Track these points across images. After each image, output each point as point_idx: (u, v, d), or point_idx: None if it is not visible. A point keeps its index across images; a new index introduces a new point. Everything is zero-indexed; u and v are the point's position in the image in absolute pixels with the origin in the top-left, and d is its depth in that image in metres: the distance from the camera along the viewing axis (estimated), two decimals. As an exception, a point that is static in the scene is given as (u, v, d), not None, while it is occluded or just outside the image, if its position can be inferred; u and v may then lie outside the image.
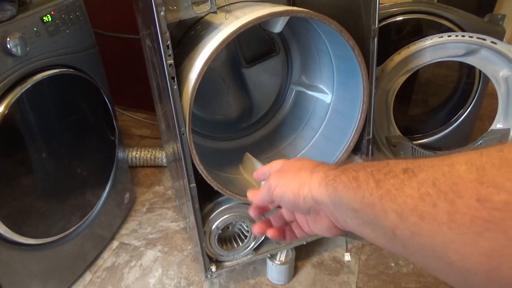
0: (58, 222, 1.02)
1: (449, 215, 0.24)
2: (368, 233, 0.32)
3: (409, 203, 0.27)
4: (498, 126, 1.21)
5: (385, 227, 0.29)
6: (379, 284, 1.11)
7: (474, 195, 0.23)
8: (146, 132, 1.87)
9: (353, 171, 0.33)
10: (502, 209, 0.21)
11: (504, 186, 0.22)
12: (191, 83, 0.76)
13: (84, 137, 1.07)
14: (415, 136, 1.36)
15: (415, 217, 0.26)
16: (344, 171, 0.34)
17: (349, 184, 0.33)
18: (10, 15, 0.80)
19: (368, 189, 0.30)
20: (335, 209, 0.36)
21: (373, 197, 0.30)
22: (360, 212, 0.32)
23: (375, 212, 0.30)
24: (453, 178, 0.24)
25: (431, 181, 0.26)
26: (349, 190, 0.32)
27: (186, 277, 1.16)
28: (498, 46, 1.07)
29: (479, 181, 0.23)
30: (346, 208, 0.34)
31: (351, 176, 0.33)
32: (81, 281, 1.15)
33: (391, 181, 0.29)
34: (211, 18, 0.91)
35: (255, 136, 1.21)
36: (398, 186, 0.28)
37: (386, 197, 0.29)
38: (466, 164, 0.24)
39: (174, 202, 1.45)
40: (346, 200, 0.33)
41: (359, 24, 0.88)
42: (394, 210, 0.28)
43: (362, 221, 0.32)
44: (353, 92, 0.93)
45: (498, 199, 0.22)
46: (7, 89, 0.82)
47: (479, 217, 0.22)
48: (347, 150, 0.97)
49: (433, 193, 0.25)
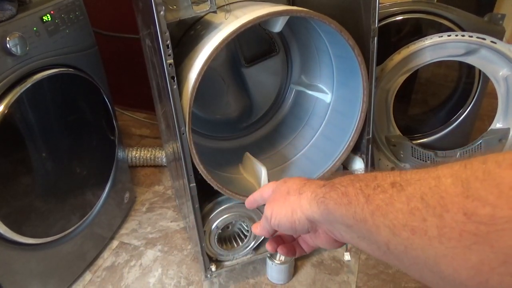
0: (58, 221, 1.02)
1: (438, 230, 0.24)
2: (364, 246, 0.33)
3: (400, 218, 0.27)
4: (497, 125, 1.21)
5: (379, 241, 0.29)
6: (379, 284, 1.11)
7: (461, 209, 0.23)
8: (146, 131, 1.87)
9: (341, 187, 0.34)
10: (488, 222, 0.22)
11: (488, 199, 0.22)
12: (191, 82, 0.76)
13: (84, 136, 1.07)
14: (414, 136, 1.36)
15: (407, 232, 0.26)
16: (332, 187, 0.35)
17: (340, 201, 0.33)
18: (9, 15, 0.80)
19: (359, 205, 0.31)
20: (330, 225, 0.36)
21: (365, 213, 0.30)
22: (353, 227, 0.32)
23: (368, 227, 0.30)
24: (439, 192, 0.25)
25: (419, 195, 0.26)
26: (341, 207, 0.33)
27: (186, 277, 1.16)
28: (498, 46, 1.07)
29: (465, 194, 0.23)
30: (339, 223, 0.34)
31: (340, 192, 0.33)
32: (81, 280, 1.15)
33: (380, 196, 0.29)
34: (211, 18, 0.91)
35: (255, 136, 1.21)
36: (388, 201, 0.28)
37: (377, 212, 0.29)
38: (451, 177, 0.25)
39: (174, 202, 1.45)
40: (339, 216, 0.33)
41: (359, 23, 0.88)
42: (386, 226, 0.28)
43: (356, 236, 0.33)
44: (353, 92, 0.93)
45: (483, 212, 0.22)
46: (7, 89, 0.82)
47: (466, 231, 0.23)
48: (347, 149, 0.97)
49: (422, 208, 0.26)
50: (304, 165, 1.07)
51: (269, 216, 0.43)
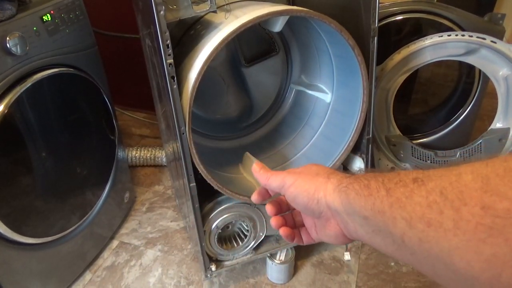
0: (58, 221, 1.02)
1: (454, 222, 0.25)
2: (378, 241, 0.33)
3: (418, 210, 0.28)
4: (497, 125, 1.21)
5: (394, 234, 0.30)
6: (378, 283, 1.11)
7: (478, 203, 0.23)
8: (146, 131, 1.87)
9: (364, 179, 0.35)
10: (504, 216, 0.22)
11: (506, 194, 0.22)
12: (191, 82, 0.76)
13: (84, 136, 1.07)
14: (414, 136, 1.36)
15: (422, 224, 0.27)
16: (356, 179, 0.36)
17: (361, 192, 0.34)
18: (9, 14, 0.80)
19: (379, 197, 0.31)
20: (347, 216, 0.37)
21: (384, 205, 0.31)
22: (370, 219, 0.33)
23: (384, 219, 0.31)
24: (459, 187, 0.25)
25: (439, 189, 0.27)
26: (361, 198, 0.34)
27: (186, 277, 1.16)
28: (498, 46, 1.07)
29: (484, 189, 0.24)
30: (357, 215, 0.35)
31: (363, 184, 0.34)
32: (81, 280, 1.15)
33: (401, 189, 0.30)
34: (211, 18, 0.91)
35: (255, 136, 1.21)
36: (407, 195, 0.29)
37: (395, 204, 0.30)
38: (472, 173, 0.25)
39: (174, 202, 1.45)
40: (358, 207, 0.34)
41: (359, 23, 0.88)
42: (403, 217, 0.29)
43: (372, 229, 0.33)
44: (353, 92, 0.93)
45: (501, 207, 0.22)
46: (7, 89, 0.82)
47: (482, 224, 0.23)
48: (347, 149, 0.97)
49: (440, 201, 0.26)
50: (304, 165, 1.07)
51: (289, 183, 0.43)
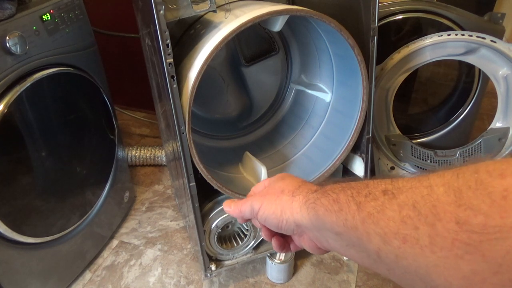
0: (58, 221, 1.02)
1: (430, 238, 0.24)
2: (352, 254, 0.32)
3: (392, 226, 0.27)
4: (497, 125, 1.21)
5: (369, 250, 0.29)
6: (378, 283, 1.12)
7: (453, 218, 0.23)
8: (145, 131, 1.87)
9: (333, 193, 0.33)
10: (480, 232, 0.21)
11: (480, 208, 0.22)
12: (191, 82, 0.76)
13: (83, 136, 1.07)
14: (414, 135, 1.36)
15: (398, 241, 0.26)
16: (324, 194, 0.34)
17: (331, 207, 0.33)
18: (9, 14, 0.80)
19: (350, 212, 0.30)
20: (318, 232, 0.36)
21: (355, 220, 0.30)
22: (343, 235, 0.32)
23: (358, 235, 0.30)
24: (432, 201, 0.25)
25: (411, 203, 0.26)
26: (331, 214, 0.32)
27: (186, 276, 1.16)
28: (498, 45, 1.07)
29: (457, 203, 0.23)
30: (329, 231, 0.34)
31: (331, 199, 0.33)
32: (80, 280, 1.15)
33: (372, 203, 0.29)
34: (211, 17, 0.91)
35: (255, 135, 1.21)
36: (379, 209, 0.28)
37: (368, 220, 0.29)
38: (443, 186, 0.25)
39: (174, 201, 1.45)
40: (329, 223, 0.33)
41: (359, 23, 0.88)
42: (377, 233, 0.28)
43: (346, 244, 0.32)
44: (353, 91, 0.93)
45: (475, 222, 0.22)
46: (6, 88, 0.82)
47: (459, 240, 0.22)
48: (347, 149, 0.97)
49: (414, 216, 0.25)
50: (304, 165, 1.07)
51: (256, 209, 0.42)
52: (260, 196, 0.43)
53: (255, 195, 0.44)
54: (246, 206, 0.44)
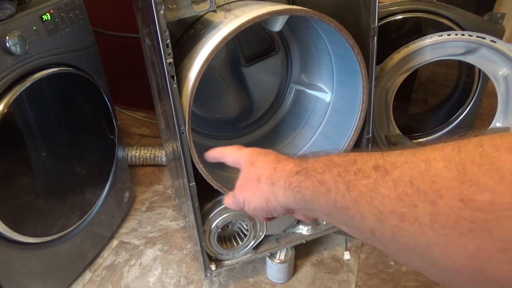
0: (58, 220, 1.02)
1: (431, 216, 0.23)
2: (346, 229, 0.31)
3: (387, 204, 0.25)
4: (497, 124, 1.21)
5: (363, 229, 0.28)
6: (378, 283, 1.12)
7: (456, 195, 0.22)
8: (145, 131, 1.87)
9: (317, 174, 0.32)
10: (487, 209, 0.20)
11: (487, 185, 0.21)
12: (191, 81, 0.76)
13: (83, 136, 1.07)
14: (414, 135, 1.36)
15: (395, 219, 0.25)
16: (307, 176, 0.33)
17: (317, 189, 0.31)
18: (9, 14, 0.80)
19: (340, 193, 0.29)
20: (308, 211, 0.35)
21: (346, 201, 0.28)
22: (334, 215, 0.30)
23: (350, 215, 0.28)
24: (431, 177, 0.23)
25: (408, 179, 0.24)
26: (319, 196, 0.31)
27: (186, 276, 1.16)
28: (498, 45, 1.07)
29: (460, 179, 0.22)
30: (318, 211, 0.32)
31: (316, 181, 0.31)
32: (80, 279, 1.15)
33: (363, 181, 0.27)
34: (211, 17, 0.91)
35: (255, 135, 1.21)
36: (371, 187, 0.27)
37: (360, 199, 0.27)
38: (443, 160, 0.23)
39: (174, 201, 1.45)
40: (318, 205, 0.32)
41: (359, 23, 0.88)
42: (371, 212, 0.26)
43: (337, 221, 0.31)
44: (353, 91, 0.93)
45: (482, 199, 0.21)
46: (6, 88, 0.82)
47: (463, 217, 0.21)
48: (347, 148, 0.97)
49: (412, 193, 0.24)
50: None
51: (241, 202, 0.42)
52: (240, 190, 0.42)
53: (235, 188, 0.44)
54: (232, 201, 0.45)
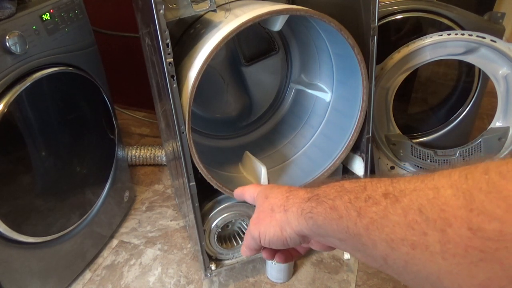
0: (58, 220, 1.02)
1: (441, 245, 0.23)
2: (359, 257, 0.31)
3: (398, 232, 0.25)
4: (497, 124, 1.21)
5: (375, 255, 0.28)
6: (378, 282, 1.12)
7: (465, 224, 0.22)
8: (145, 130, 1.87)
9: (328, 200, 0.32)
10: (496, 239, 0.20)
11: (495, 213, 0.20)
12: (191, 81, 0.76)
13: (83, 135, 1.07)
14: (414, 135, 1.36)
15: (406, 247, 0.25)
16: (318, 202, 0.33)
17: (329, 216, 0.31)
18: (9, 13, 0.80)
19: (351, 220, 0.29)
20: (321, 238, 0.35)
21: (358, 228, 0.28)
22: (347, 241, 0.31)
23: (362, 242, 0.29)
24: (439, 205, 0.23)
25: (417, 207, 0.25)
26: (331, 222, 0.31)
27: (186, 276, 1.16)
28: (498, 45, 1.07)
29: (468, 208, 0.22)
30: (332, 237, 0.33)
31: (328, 207, 0.32)
32: (80, 279, 1.15)
33: (373, 208, 0.28)
34: (211, 17, 0.91)
35: (255, 135, 1.21)
36: (382, 214, 0.27)
37: (371, 226, 0.27)
38: (451, 188, 0.23)
39: (174, 201, 1.45)
40: (330, 231, 0.32)
41: (359, 22, 0.88)
42: (383, 240, 0.27)
43: (351, 248, 0.31)
44: (353, 91, 0.93)
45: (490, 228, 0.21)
46: (6, 88, 0.82)
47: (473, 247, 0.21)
48: (347, 148, 0.97)
49: (421, 221, 0.24)
50: (303, 164, 1.07)
51: (257, 237, 0.41)
52: (254, 224, 0.42)
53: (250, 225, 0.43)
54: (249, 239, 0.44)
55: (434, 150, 1.28)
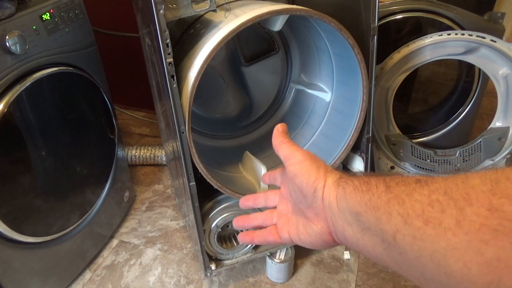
0: (58, 220, 1.02)
1: (456, 221, 0.24)
2: (365, 241, 0.32)
3: (417, 207, 0.27)
4: (497, 124, 1.21)
5: (386, 231, 0.29)
6: (378, 282, 1.12)
7: (485, 204, 0.23)
8: (145, 130, 1.87)
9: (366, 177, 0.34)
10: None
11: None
12: (191, 81, 0.76)
13: (83, 135, 1.07)
14: (414, 135, 1.36)
15: (420, 222, 0.26)
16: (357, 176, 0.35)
17: (359, 187, 0.33)
18: (9, 13, 0.80)
19: (377, 193, 0.31)
20: (338, 212, 0.36)
21: (380, 200, 0.30)
22: (362, 215, 0.32)
23: (378, 215, 0.30)
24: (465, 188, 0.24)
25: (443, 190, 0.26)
26: (357, 192, 0.33)
27: (186, 276, 1.16)
28: (498, 45, 1.07)
29: (492, 191, 0.23)
30: (349, 211, 0.34)
31: (363, 181, 0.34)
32: (80, 279, 1.15)
33: (402, 188, 0.29)
34: (211, 17, 0.91)
35: (255, 135, 1.21)
36: (408, 192, 0.28)
37: (393, 201, 0.29)
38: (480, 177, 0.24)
39: (174, 201, 1.45)
40: (351, 202, 0.33)
41: (359, 22, 0.88)
42: (400, 214, 0.28)
43: (361, 227, 0.32)
44: (353, 91, 0.93)
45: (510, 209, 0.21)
46: (6, 88, 0.82)
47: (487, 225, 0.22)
48: (347, 148, 0.97)
49: (443, 200, 0.25)
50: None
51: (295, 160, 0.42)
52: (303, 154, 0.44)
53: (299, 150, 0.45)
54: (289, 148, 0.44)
55: (434, 150, 1.28)
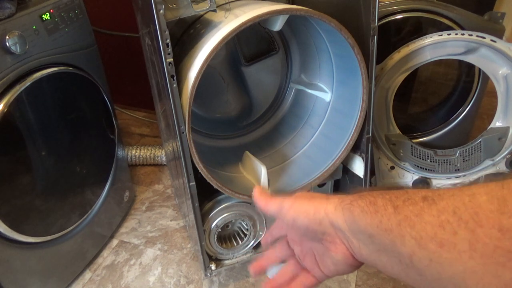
0: (58, 220, 1.02)
1: (470, 244, 0.23)
2: (383, 261, 0.32)
3: (429, 230, 0.26)
4: (497, 124, 1.21)
5: (402, 254, 0.29)
6: (378, 282, 1.12)
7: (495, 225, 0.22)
8: (145, 130, 1.87)
9: (370, 196, 0.33)
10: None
11: None
12: (191, 81, 0.76)
13: (83, 135, 1.07)
14: (414, 135, 1.36)
15: (434, 245, 0.26)
16: (361, 197, 0.34)
17: (366, 209, 0.32)
18: (9, 13, 0.80)
19: (386, 215, 0.30)
20: (351, 234, 0.35)
21: (391, 223, 0.30)
22: (376, 237, 0.31)
23: (391, 238, 0.29)
24: (473, 207, 0.24)
25: (452, 209, 0.26)
26: (366, 215, 0.32)
27: (186, 275, 1.16)
28: (498, 44, 1.07)
29: (500, 211, 0.23)
30: (362, 233, 0.33)
31: (368, 201, 0.33)
32: (80, 279, 1.15)
33: (410, 207, 0.29)
34: (211, 17, 0.91)
35: (255, 135, 1.21)
36: (417, 213, 0.28)
37: (404, 223, 0.28)
38: (486, 195, 0.24)
39: (174, 201, 1.45)
40: (363, 225, 0.33)
41: (359, 22, 0.88)
42: (413, 237, 0.27)
43: (377, 248, 0.32)
44: (353, 91, 0.93)
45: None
46: (6, 88, 0.82)
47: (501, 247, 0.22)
48: (347, 148, 0.97)
49: (453, 221, 0.25)
50: (303, 164, 1.07)
51: (286, 208, 0.41)
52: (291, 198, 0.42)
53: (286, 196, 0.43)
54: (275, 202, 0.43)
55: (434, 150, 1.28)
